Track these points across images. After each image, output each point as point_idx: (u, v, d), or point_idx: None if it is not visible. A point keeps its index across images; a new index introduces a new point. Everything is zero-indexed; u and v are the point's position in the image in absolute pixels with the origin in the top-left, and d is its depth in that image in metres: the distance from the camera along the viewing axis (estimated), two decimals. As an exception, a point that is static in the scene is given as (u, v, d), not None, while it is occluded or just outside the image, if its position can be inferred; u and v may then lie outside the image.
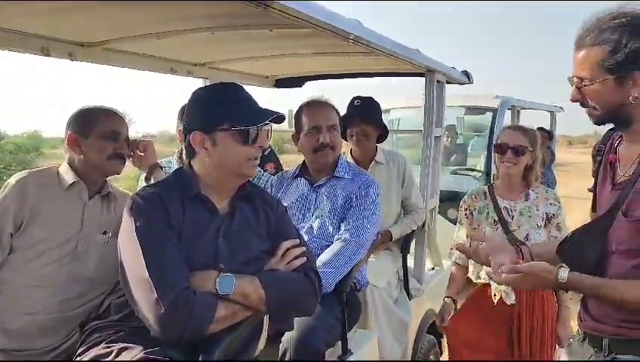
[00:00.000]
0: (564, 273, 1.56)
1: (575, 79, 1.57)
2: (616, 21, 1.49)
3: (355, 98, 3.25)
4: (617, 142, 1.71)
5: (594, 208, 1.79)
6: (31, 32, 2.24)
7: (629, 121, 1.57)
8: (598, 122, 1.62)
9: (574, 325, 1.93)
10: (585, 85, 1.55)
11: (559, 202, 2.81)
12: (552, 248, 1.83)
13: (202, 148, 1.70)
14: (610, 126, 1.72)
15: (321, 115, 2.54)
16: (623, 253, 1.55)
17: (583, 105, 1.61)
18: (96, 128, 2.06)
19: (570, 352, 1.80)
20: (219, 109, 1.70)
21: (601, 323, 1.62)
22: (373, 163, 3.24)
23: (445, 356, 3.64)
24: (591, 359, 1.65)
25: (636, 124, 1.57)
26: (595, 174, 1.77)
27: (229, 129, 1.68)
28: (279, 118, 1.76)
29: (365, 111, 3.22)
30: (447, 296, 3.02)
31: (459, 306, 3.00)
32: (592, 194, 1.80)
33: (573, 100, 1.61)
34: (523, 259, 1.82)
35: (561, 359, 1.87)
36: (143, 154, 2.33)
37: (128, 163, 2.27)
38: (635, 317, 1.50)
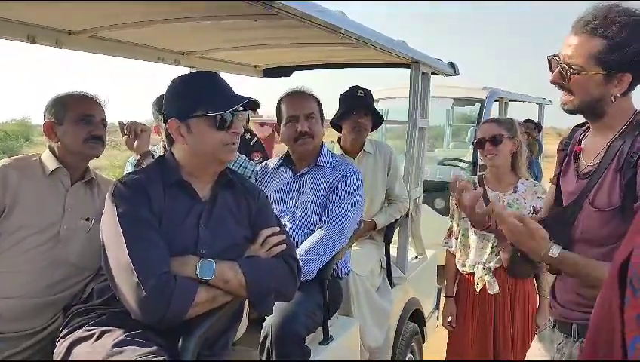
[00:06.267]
0: (556, 250, 1.52)
1: (563, 65, 1.55)
2: (625, 18, 1.46)
3: (355, 88, 3.27)
4: (582, 134, 1.74)
5: (555, 199, 1.83)
6: (17, 19, 2.25)
7: (600, 116, 1.59)
8: (571, 111, 1.61)
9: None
10: (574, 73, 1.53)
11: None
12: None
13: (179, 135, 1.73)
14: (578, 122, 1.76)
15: (299, 104, 2.57)
16: (587, 241, 1.59)
17: (561, 88, 1.60)
18: (68, 114, 2.09)
19: (540, 338, 1.84)
20: (193, 97, 1.73)
21: (569, 309, 1.67)
22: (361, 152, 3.28)
23: (427, 343, 3.72)
24: (560, 344, 1.70)
25: (607, 119, 1.59)
26: (559, 167, 1.81)
27: (202, 115, 1.70)
28: (252, 104, 1.78)
29: (371, 101, 3.27)
30: (448, 296, 3.09)
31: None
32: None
33: (555, 82, 1.59)
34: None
35: (532, 346, 1.90)
36: (137, 136, 2.40)
37: (118, 151, 2.31)
38: None
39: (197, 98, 1.72)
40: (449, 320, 3.05)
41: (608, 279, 0.75)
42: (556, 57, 1.59)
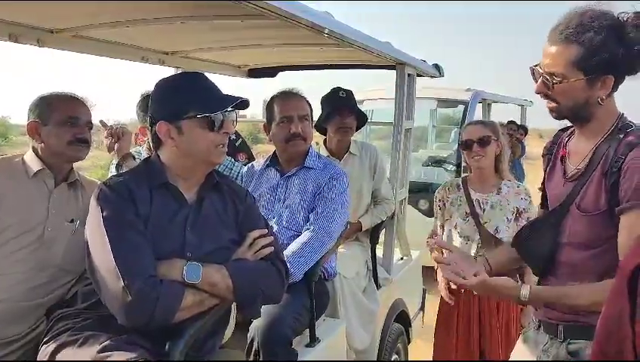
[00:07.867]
0: (525, 291, 1.59)
1: (545, 75, 1.56)
2: (599, 22, 1.48)
3: (337, 89, 3.27)
4: (567, 138, 1.75)
5: (543, 204, 1.85)
6: (-2, 17, 2.21)
7: (588, 119, 1.60)
8: (559, 117, 1.63)
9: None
10: (555, 83, 1.54)
11: (530, 197, 2.85)
12: (509, 255, 1.89)
13: (169, 137, 1.71)
14: (562, 126, 1.77)
15: (293, 105, 2.55)
16: (575, 245, 1.60)
17: (546, 97, 1.61)
18: (54, 115, 2.04)
19: (524, 339, 1.84)
20: (183, 98, 1.71)
21: (555, 310, 1.68)
22: (347, 154, 3.28)
23: (413, 344, 3.73)
24: (545, 345, 1.71)
25: (594, 122, 1.60)
26: (545, 171, 1.82)
27: (195, 116, 1.69)
28: (244, 103, 1.77)
29: (353, 102, 3.26)
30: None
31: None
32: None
33: (539, 92, 1.61)
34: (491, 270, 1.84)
35: (517, 347, 1.90)
36: (119, 140, 2.38)
37: (101, 152, 2.29)
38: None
39: (188, 99, 1.70)
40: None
41: (616, 286, 0.75)
42: (538, 67, 1.60)
